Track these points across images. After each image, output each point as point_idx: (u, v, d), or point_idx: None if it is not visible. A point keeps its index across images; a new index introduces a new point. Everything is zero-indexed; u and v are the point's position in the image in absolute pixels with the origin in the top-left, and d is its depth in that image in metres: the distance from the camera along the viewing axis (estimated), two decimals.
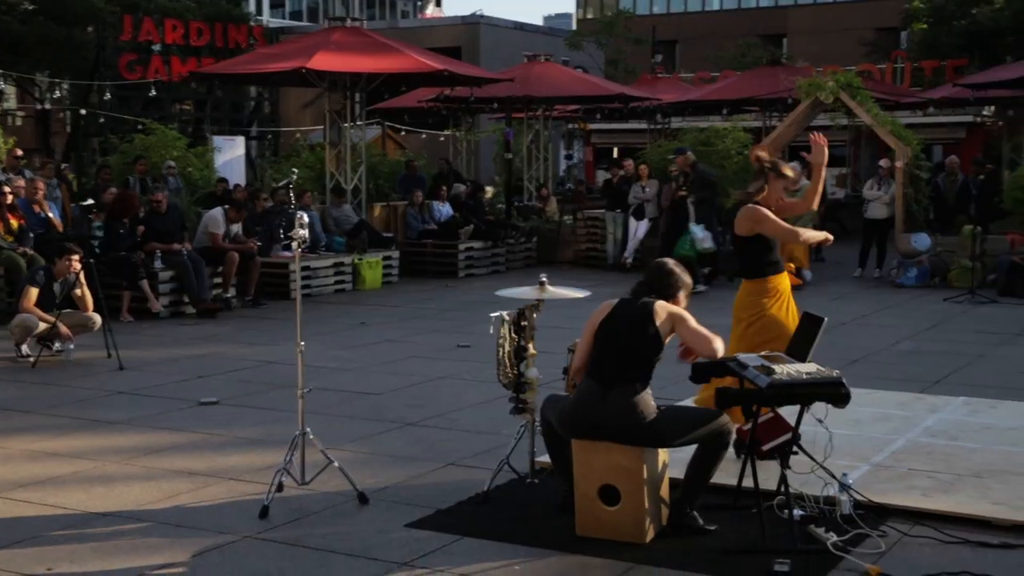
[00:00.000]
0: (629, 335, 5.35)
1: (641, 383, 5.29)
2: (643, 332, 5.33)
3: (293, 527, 5.58)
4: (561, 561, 5.09)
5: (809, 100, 16.97)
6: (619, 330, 5.38)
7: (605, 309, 5.51)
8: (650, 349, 5.32)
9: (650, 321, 5.32)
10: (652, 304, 5.39)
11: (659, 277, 5.56)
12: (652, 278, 5.58)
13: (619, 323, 5.40)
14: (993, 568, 4.90)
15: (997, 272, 14.91)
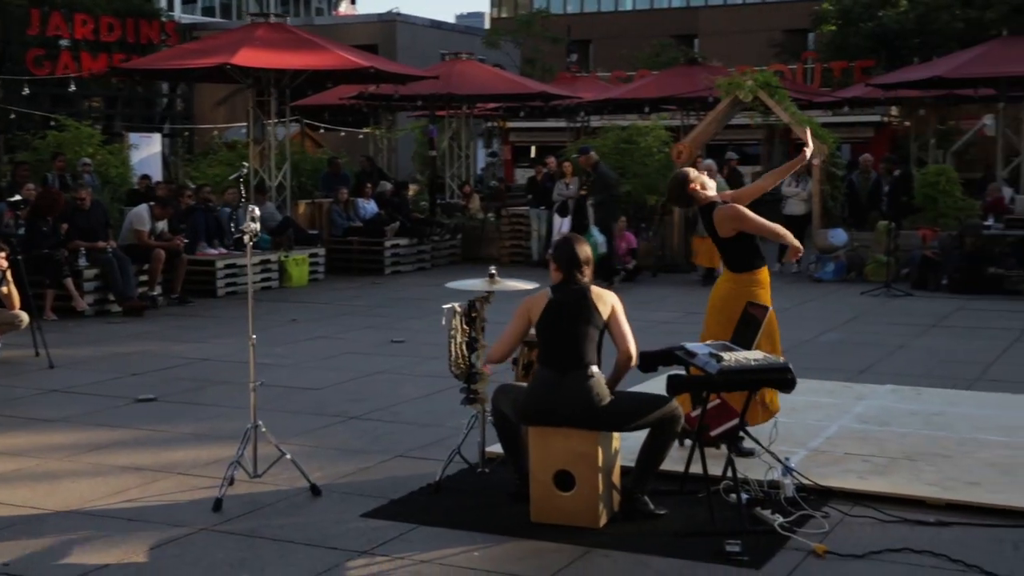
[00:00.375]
0: (573, 319, 5.48)
1: (594, 366, 5.43)
2: (586, 314, 5.48)
3: (248, 519, 5.61)
4: (518, 546, 5.20)
5: (729, 99, 17.30)
6: (562, 316, 5.50)
7: (540, 299, 5.60)
8: (596, 330, 5.48)
9: (588, 302, 5.50)
10: (587, 287, 5.54)
11: (567, 251, 5.63)
12: (562, 253, 5.65)
13: (560, 309, 5.51)
14: (930, 544, 5.12)
15: (910, 266, 15.37)
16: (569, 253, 5.62)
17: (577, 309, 5.50)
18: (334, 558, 5.06)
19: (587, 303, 5.50)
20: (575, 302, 5.52)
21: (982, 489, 5.83)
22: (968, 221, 15.53)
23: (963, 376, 9.00)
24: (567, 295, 5.56)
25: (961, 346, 10.49)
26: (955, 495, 5.73)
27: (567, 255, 5.62)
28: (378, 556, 5.09)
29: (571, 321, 5.48)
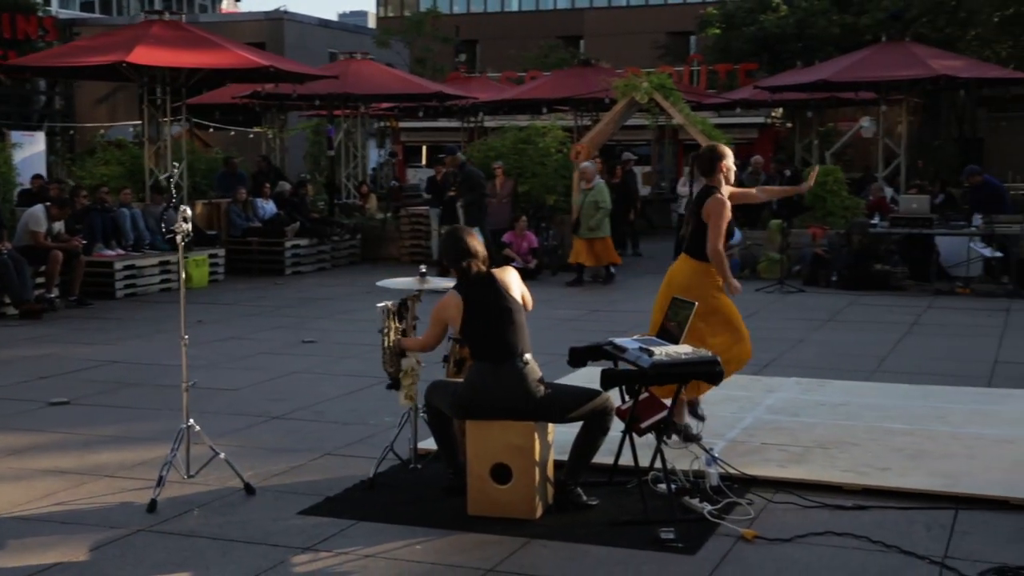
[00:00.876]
0: (494, 311, 5.59)
1: (528, 353, 5.57)
2: (503, 301, 5.61)
3: (185, 519, 5.62)
4: (458, 539, 5.31)
5: (625, 100, 17.64)
6: (482, 312, 5.59)
7: (453, 303, 5.65)
8: (519, 311, 5.63)
9: (500, 288, 5.63)
10: (491, 273, 5.69)
11: (455, 245, 5.74)
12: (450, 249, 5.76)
13: (478, 306, 5.60)
14: (851, 527, 5.37)
15: (802, 264, 15.87)
16: (457, 247, 5.73)
17: (493, 296, 5.61)
18: (278, 555, 5.11)
19: (499, 290, 5.63)
20: (489, 294, 5.62)
21: (893, 474, 6.13)
22: (855, 220, 16.09)
23: (861, 368, 9.38)
24: (477, 290, 5.65)
25: (856, 339, 10.91)
26: (869, 480, 6.02)
27: (456, 250, 5.72)
28: (321, 552, 5.15)
29: (491, 311, 5.59)
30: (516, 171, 17.96)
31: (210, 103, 24.39)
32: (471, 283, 5.68)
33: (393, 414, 7.73)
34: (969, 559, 4.94)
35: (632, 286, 15.56)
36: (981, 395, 8.20)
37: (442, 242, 5.93)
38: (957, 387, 8.47)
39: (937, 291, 14.48)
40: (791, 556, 5.04)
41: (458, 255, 5.69)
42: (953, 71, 18.79)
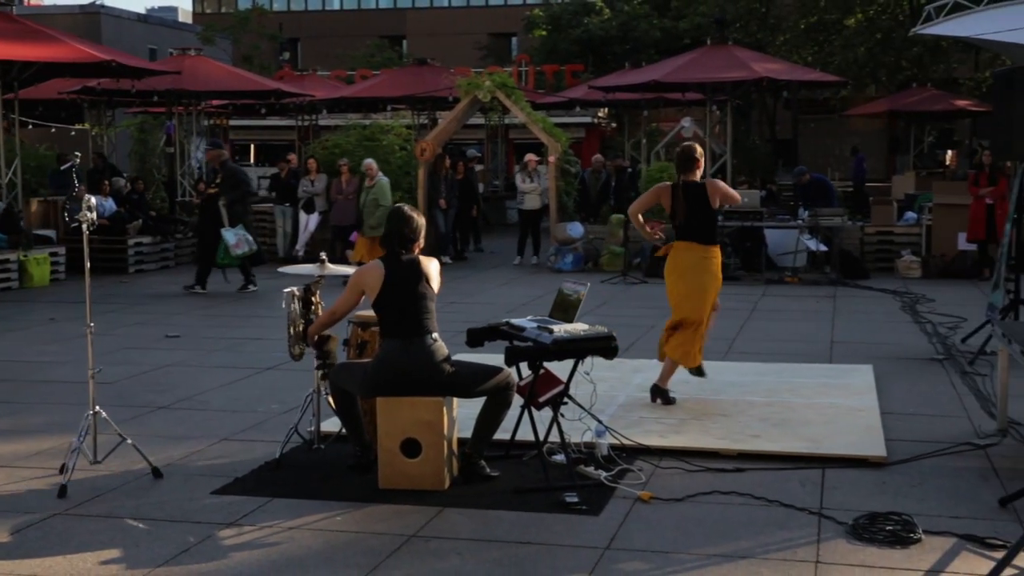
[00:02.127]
0: (411, 290, 5.88)
1: (436, 331, 5.88)
2: (422, 284, 5.92)
3: (99, 503, 5.72)
4: (375, 510, 5.58)
5: (468, 98, 18.05)
6: (400, 288, 5.88)
7: (375, 273, 5.93)
8: (433, 299, 5.95)
9: (423, 273, 5.94)
10: (418, 259, 5.99)
11: (402, 223, 6.00)
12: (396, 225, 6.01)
13: (398, 282, 5.88)
14: (734, 486, 5.86)
15: (641, 256, 16.56)
16: (398, 229, 6.00)
17: (415, 280, 5.91)
18: (203, 531, 5.28)
19: (422, 273, 5.93)
20: (411, 274, 5.92)
21: (763, 440, 6.68)
22: None
23: (715, 349, 9.94)
24: (402, 267, 5.93)
25: None
26: (743, 446, 6.55)
27: (395, 232, 6.00)
28: (245, 526, 5.34)
29: (410, 292, 5.88)
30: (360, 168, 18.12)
31: (32, 99, 23.64)
32: (396, 260, 5.95)
33: (279, 402, 7.98)
34: (841, 508, 5.48)
35: (484, 279, 15.98)
36: (827, 370, 8.89)
37: (391, 217, 6.09)
38: (803, 364, 9.16)
39: (768, 280, 15.35)
40: (685, 513, 5.48)
41: (403, 239, 5.95)
42: (774, 74, 19.85)
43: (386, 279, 5.89)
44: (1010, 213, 9.75)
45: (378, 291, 5.90)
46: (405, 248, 5.96)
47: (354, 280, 6.05)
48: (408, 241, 5.97)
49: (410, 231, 5.98)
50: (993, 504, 5.55)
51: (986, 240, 15.33)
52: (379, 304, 5.92)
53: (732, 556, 4.88)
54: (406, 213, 6.05)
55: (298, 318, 6.38)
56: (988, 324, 9.97)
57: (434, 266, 6.05)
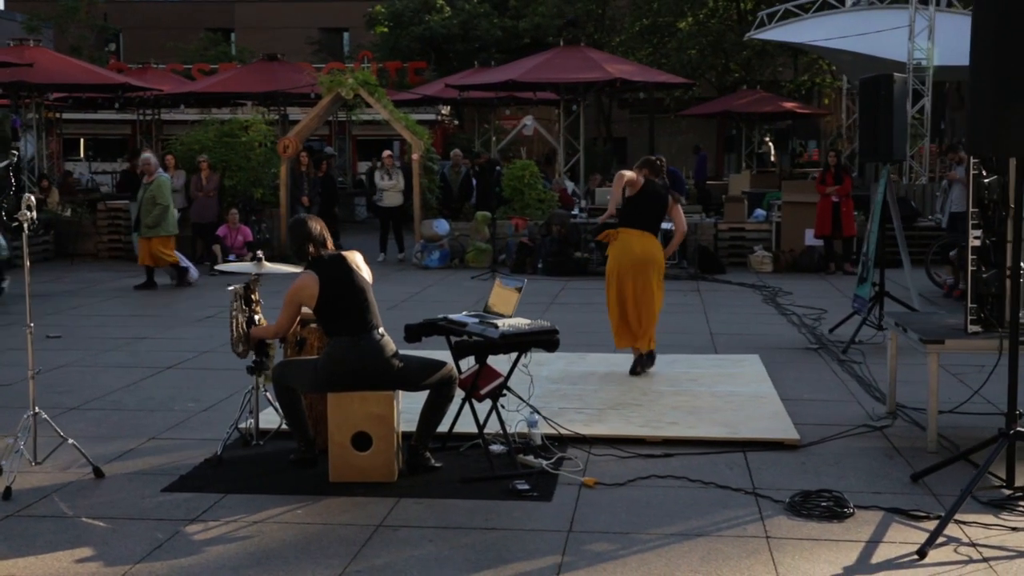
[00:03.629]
0: (348, 288, 6.01)
1: (381, 326, 6.04)
2: (356, 279, 6.06)
3: (49, 503, 5.69)
4: (333, 502, 5.70)
5: (331, 95, 18.05)
6: (337, 288, 6.00)
7: (309, 283, 6.01)
8: (370, 289, 6.11)
9: (351, 266, 6.09)
10: (341, 255, 6.15)
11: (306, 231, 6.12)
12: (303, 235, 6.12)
13: (333, 284, 6.00)
14: (668, 470, 6.20)
15: (507, 252, 16.90)
16: (305, 234, 6.12)
17: (348, 277, 6.04)
18: (167, 527, 5.32)
19: (351, 268, 6.07)
20: (343, 273, 6.04)
21: (682, 426, 7.05)
22: (555, 211, 17.30)
23: (603, 343, 10.32)
24: (331, 268, 6.05)
25: (585, 319, 11.93)
26: (665, 432, 6.90)
27: (303, 236, 6.12)
28: (209, 521, 5.41)
29: (348, 290, 6.01)
30: (222, 165, 17.95)
31: None
32: (323, 263, 6.06)
33: (194, 400, 7.98)
34: (773, 488, 5.89)
35: None
36: (718, 360, 9.36)
37: (291, 228, 6.23)
38: (695, 355, 9.61)
39: None
40: (632, 497, 5.80)
41: (316, 243, 6.08)
42: (628, 75, 20.47)
43: (320, 285, 5.99)
44: (875, 212, 10.42)
45: (316, 299, 5.99)
46: (323, 247, 6.10)
47: (289, 296, 6.10)
48: (321, 243, 6.12)
49: (317, 235, 6.13)
50: (905, 480, 6.04)
51: (832, 236, 16.22)
52: (321, 310, 6.02)
53: (688, 534, 5.21)
54: (302, 220, 6.20)
55: (241, 317, 6.42)
56: (854, 315, 10.66)
57: (358, 257, 6.21)
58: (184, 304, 13.19)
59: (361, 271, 6.14)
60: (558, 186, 19.40)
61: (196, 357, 9.71)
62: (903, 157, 11.48)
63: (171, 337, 10.79)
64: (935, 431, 6.61)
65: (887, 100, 9.95)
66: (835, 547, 5.04)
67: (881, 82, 10.07)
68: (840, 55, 26.71)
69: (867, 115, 10.31)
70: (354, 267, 6.10)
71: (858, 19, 25.27)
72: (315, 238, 6.12)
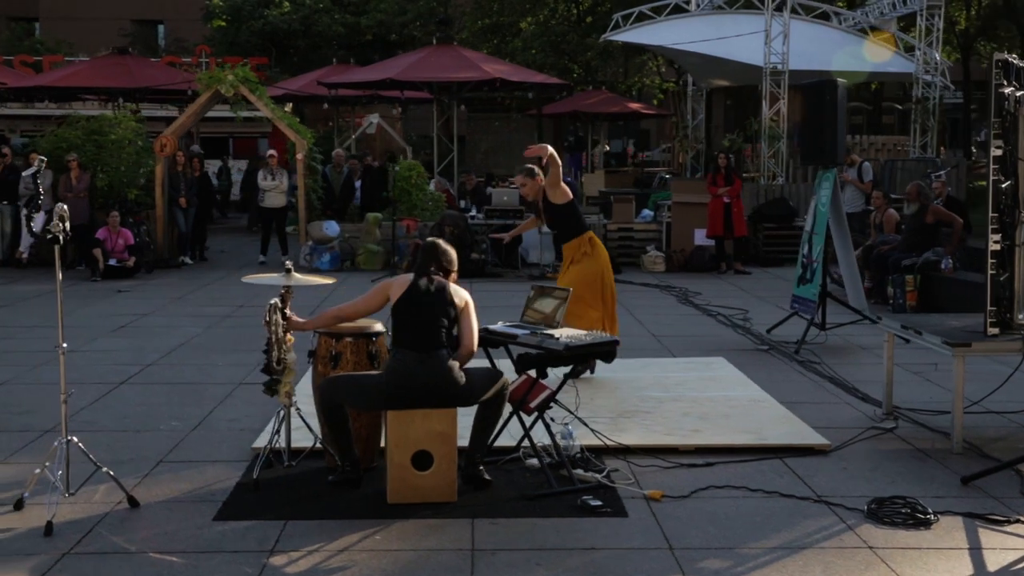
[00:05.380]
0: (434, 310, 5.80)
1: (450, 349, 5.80)
2: (445, 308, 5.84)
3: (98, 538, 5.23)
4: (407, 526, 5.42)
5: (209, 92, 17.37)
6: (424, 306, 5.79)
7: (403, 285, 5.85)
8: (451, 322, 5.85)
9: (447, 294, 5.87)
10: (447, 285, 5.91)
11: (437, 255, 6.01)
12: (430, 256, 6.00)
13: (422, 300, 5.80)
14: (721, 480, 6.13)
15: (401, 255, 16.59)
16: (431, 256, 5.99)
17: (438, 297, 5.82)
18: (252, 560, 4.96)
19: (446, 294, 5.85)
20: (435, 291, 5.84)
21: (707, 434, 7.01)
22: (447, 212, 17.09)
23: None
24: (428, 286, 5.86)
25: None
26: (695, 440, 6.85)
27: (430, 258, 5.98)
28: (291, 552, 5.07)
29: (429, 307, 5.79)
30: (93, 164, 17.04)
31: None
32: (427, 281, 5.87)
33: (176, 418, 7.53)
34: (835, 495, 5.90)
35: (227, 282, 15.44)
36: (687, 364, 9.37)
37: (427, 251, 6.02)
38: (661, 359, 9.61)
39: (531, 277, 15.81)
40: (706, 509, 5.72)
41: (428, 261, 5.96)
42: (505, 75, 20.40)
43: (410, 288, 5.82)
44: (819, 215, 10.65)
45: (399, 297, 5.79)
46: (441, 272, 5.91)
47: (382, 284, 5.97)
48: (445, 271, 5.96)
49: (447, 262, 5.99)
50: (953, 482, 6.16)
51: (723, 236, 16.56)
52: (398, 311, 5.80)
53: (790, 548, 5.17)
54: (443, 247, 6.04)
55: (281, 331, 6.05)
56: (794, 315, 10.88)
57: (462, 294, 5.97)
58: (85, 312, 12.44)
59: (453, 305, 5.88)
60: (440, 185, 19.18)
61: (142, 371, 9.16)
62: (842, 161, 11.79)
63: (99, 349, 10.15)
64: (961, 433, 6.77)
65: (832, 105, 10.19)
66: (943, 555, 5.07)
67: (826, 88, 10.31)
68: (689, 57, 27.33)
69: (811, 120, 10.52)
70: (449, 298, 5.88)
71: (710, 23, 25.95)
72: (444, 265, 5.97)
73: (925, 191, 12.93)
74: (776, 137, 22.03)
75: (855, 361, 9.68)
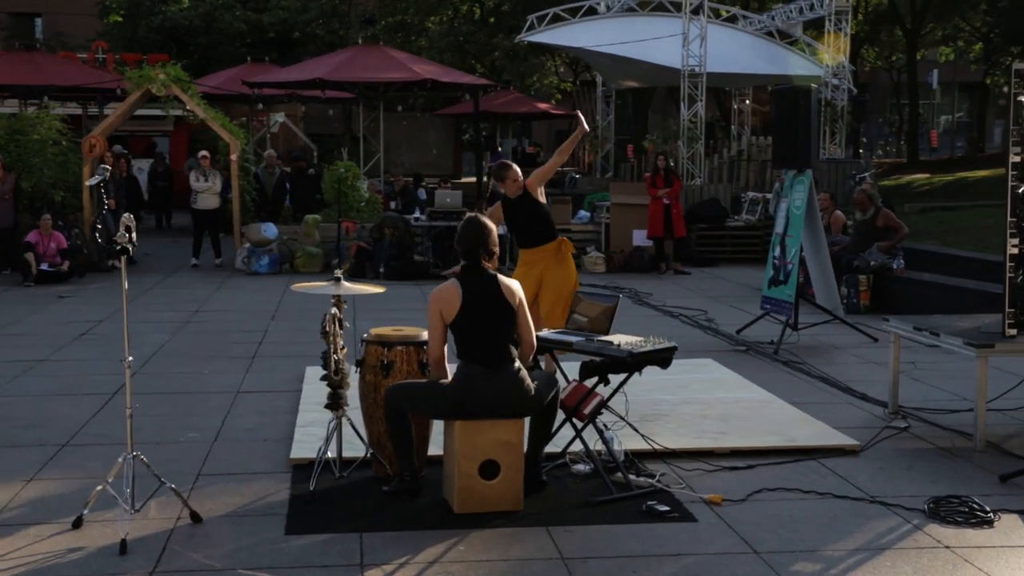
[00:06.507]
0: (492, 314, 5.67)
1: (517, 359, 5.74)
2: (505, 309, 5.71)
3: (177, 555, 5.08)
4: (487, 535, 5.37)
5: (140, 91, 16.95)
6: (481, 312, 5.66)
7: (451, 296, 5.66)
8: (513, 323, 5.77)
9: (504, 298, 5.72)
10: (498, 281, 5.73)
11: (484, 236, 5.73)
12: (476, 239, 5.70)
13: (477, 305, 5.65)
14: (769, 482, 6.22)
15: (340, 257, 16.39)
16: (474, 237, 5.73)
17: (495, 303, 5.69)
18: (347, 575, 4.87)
19: (501, 296, 5.71)
20: (490, 296, 5.68)
21: (734, 436, 7.10)
22: (386, 214, 16.96)
23: None
24: (480, 288, 5.69)
25: None
26: (728, 443, 6.93)
27: (472, 239, 5.73)
28: (384, 566, 4.99)
29: (490, 316, 5.67)
30: (17, 165, 16.46)
31: None
32: (474, 278, 5.68)
33: (193, 429, 7.34)
34: (887, 495, 6.02)
35: (187, 284, 15.11)
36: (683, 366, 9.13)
37: (462, 226, 5.77)
38: None
39: None
40: (768, 512, 5.79)
41: (477, 247, 5.68)
42: (436, 75, 20.31)
43: (464, 302, 5.64)
44: (793, 218, 10.85)
45: (455, 315, 5.65)
46: (489, 260, 5.74)
47: (432, 308, 5.69)
48: (491, 255, 5.75)
49: (491, 243, 5.75)
50: (991, 480, 6.35)
51: (663, 237, 16.76)
52: (457, 327, 5.67)
53: (870, 549, 5.26)
54: (484, 222, 5.79)
55: (340, 341, 5.94)
56: (765, 315, 11.09)
57: (514, 288, 5.79)
58: (37, 320, 12.03)
59: (509, 304, 5.72)
60: (374, 187, 19.03)
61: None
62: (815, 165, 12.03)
63: (72, 359, 9.83)
64: (983, 431, 6.98)
65: (805, 110, 10.40)
66: (1017, 553, 5.22)
67: (799, 93, 10.52)
68: (599, 58, 27.62)
69: (783, 124, 10.71)
70: (504, 293, 5.71)
71: (623, 24, 26.24)
72: (489, 247, 5.70)
73: (874, 196, 13.29)
74: (694, 139, 22.38)
75: (836, 361, 9.90)
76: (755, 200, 18.82)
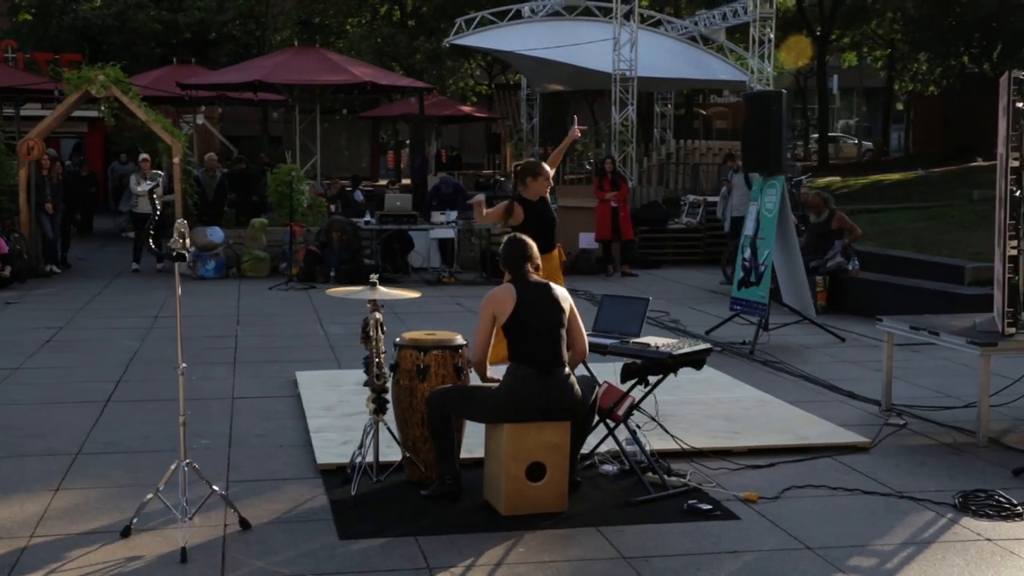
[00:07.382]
0: (548, 319, 5.75)
1: (567, 367, 5.80)
2: (558, 314, 5.80)
3: (238, 563, 5.02)
4: (541, 537, 5.39)
5: (78, 93, 16.58)
6: (535, 315, 5.73)
7: (506, 297, 5.76)
8: (564, 327, 5.83)
9: (559, 304, 5.82)
10: (551, 288, 5.85)
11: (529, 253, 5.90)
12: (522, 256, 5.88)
13: (532, 308, 5.74)
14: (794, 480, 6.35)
15: (288, 261, 16.23)
16: (521, 254, 5.87)
17: (550, 307, 5.78)
18: None
19: (555, 300, 5.80)
20: (545, 300, 5.78)
21: (746, 436, 7.23)
22: (334, 218, 16.82)
23: None
24: (534, 292, 5.78)
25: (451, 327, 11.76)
26: (743, 442, 7.05)
27: (520, 257, 5.86)
28: (452, 568, 4.99)
29: (545, 320, 5.74)
30: None
31: None
32: (527, 284, 5.78)
33: (203, 436, 7.26)
34: (913, 490, 6.19)
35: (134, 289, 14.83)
36: None
37: (506, 245, 5.92)
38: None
39: (427, 281, 15.77)
40: (805, 509, 5.91)
41: (518, 261, 5.81)
42: (375, 78, 20.23)
43: (518, 304, 5.71)
44: (765, 221, 11.06)
45: (509, 315, 5.69)
46: (536, 270, 5.84)
47: (486, 306, 5.79)
48: (536, 266, 5.89)
49: (535, 256, 5.91)
50: (1005, 475, 6.56)
51: (611, 240, 16.93)
52: (510, 329, 5.72)
53: (914, 543, 5.39)
54: (525, 239, 5.96)
55: (381, 346, 5.92)
56: (735, 316, 11.29)
57: (565, 295, 5.92)
58: None
59: (562, 309, 5.82)
60: (315, 190, 18.87)
61: (117, 388, 8.72)
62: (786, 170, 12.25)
63: (46, 367, 9.60)
64: (987, 428, 7.21)
65: (777, 116, 10.61)
66: None
67: (772, 99, 10.72)
68: (524, 60, 27.76)
69: (754, 130, 10.91)
70: (556, 299, 5.81)
71: (551, 29, 26.41)
72: (533, 260, 5.85)
73: (828, 199, 13.60)
74: (626, 142, 22.61)
75: (810, 360, 10.12)
76: (695, 203, 19.09)
